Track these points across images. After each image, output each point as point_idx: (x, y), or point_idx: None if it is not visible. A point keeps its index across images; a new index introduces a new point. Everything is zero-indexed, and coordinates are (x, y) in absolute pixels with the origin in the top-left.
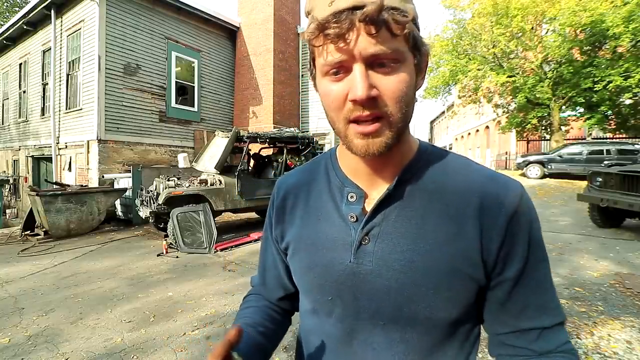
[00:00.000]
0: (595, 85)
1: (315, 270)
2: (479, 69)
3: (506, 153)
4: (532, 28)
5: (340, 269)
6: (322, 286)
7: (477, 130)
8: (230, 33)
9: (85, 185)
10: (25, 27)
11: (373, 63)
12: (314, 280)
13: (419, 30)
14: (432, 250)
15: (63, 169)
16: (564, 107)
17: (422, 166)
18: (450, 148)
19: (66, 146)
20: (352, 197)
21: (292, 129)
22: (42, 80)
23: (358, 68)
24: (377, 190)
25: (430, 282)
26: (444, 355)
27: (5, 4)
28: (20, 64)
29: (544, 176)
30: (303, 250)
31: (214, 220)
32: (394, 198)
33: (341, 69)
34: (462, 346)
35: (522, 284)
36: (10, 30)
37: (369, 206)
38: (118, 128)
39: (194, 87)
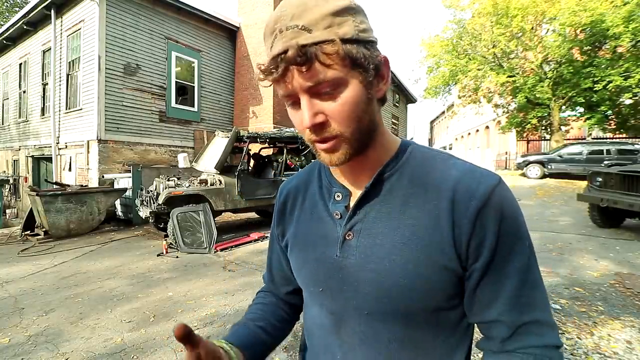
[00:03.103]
0: (595, 85)
1: (308, 264)
2: (479, 69)
3: (506, 153)
4: (532, 28)
5: (328, 262)
6: (315, 279)
7: (477, 130)
8: (230, 33)
9: (85, 185)
10: (25, 27)
11: (316, 92)
12: (308, 274)
13: (368, 43)
14: (409, 243)
15: (63, 169)
16: (564, 107)
17: (401, 164)
18: (450, 148)
19: (66, 146)
20: (338, 196)
21: (292, 129)
22: (42, 80)
23: (303, 100)
24: (359, 189)
25: (407, 273)
26: (428, 345)
27: (5, 4)
28: (20, 64)
29: (544, 176)
30: (298, 247)
31: (214, 220)
32: (374, 195)
33: (294, 101)
34: (448, 338)
35: (491, 275)
36: (10, 30)
37: (353, 204)
38: (118, 128)
39: (194, 87)
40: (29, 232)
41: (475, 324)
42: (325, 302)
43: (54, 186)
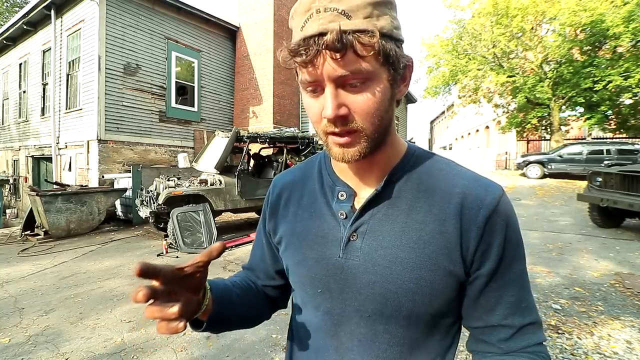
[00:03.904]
0: (595, 85)
1: (306, 264)
2: (479, 69)
3: (506, 153)
4: (532, 28)
5: (329, 263)
6: (313, 279)
7: (477, 130)
8: (230, 33)
9: (85, 185)
10: (25, 27)
11: (343, 83)
12: (306, 274)
13: (399, 41)
14: (415, 248)
15: (63, 169)
16: (564, 107)
17: (409, 168)
18: (451, 148)
19: (66, 146)
20: (342, 195)
21: (292, 129)
22: (42, 80)
23: (328, 89)
24: (365, 189)
25: (413, 277)
26: (425, 346)
27: (5, 4)
28: (20, 64)
29: (544, 176)
30: (295, 245)
31: (214, 220)
32: (381, 197)
33: (317, 87)
34: (442, 338)
35: (495, 281)
36: (10, 30)
37: (358, 204)
38: (118, 128)
39: (194, 87)
40: (29, 232)
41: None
42: (323, 304)
43: (54, 186)
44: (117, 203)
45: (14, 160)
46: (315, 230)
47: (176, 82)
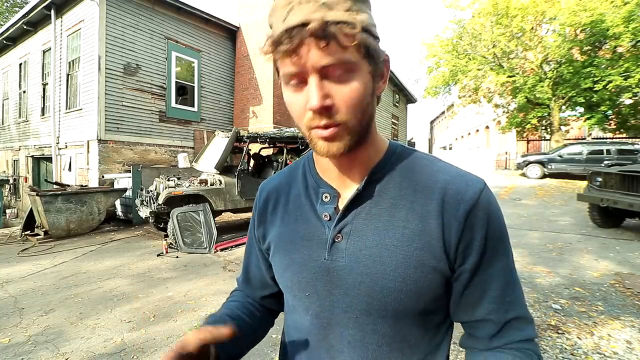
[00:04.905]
0: (595, 85)
1: (293, 267)
2: (479, 69)
3: (506, 153)
4: (532, 28)
5: (315, 265)
6: (300, 283)
7: (477, 130)
8: (230, 33)
9: (85, 185)
10: (25, 27)
11: (327, 74)
12: (293, 278)
13: (376, 38)
14: (399, 246)
15: (63, 169)
16: (564, 107)
17: (391, 166)
18: (451, 148)
19: (66, 146)
20: (326, 197)
21: (292, 129)
22: (42, 80)
23: (312, 79)
24: (348, 189)
25: (398, 275)
26: (415, 345)
27: (5, 4)
28: (20, 64)
29: (544, 176)
30: (282, 249)
31: (214, 220)
32: (364, 197)
33: (299, 80)
34: (432, 337)
35: (478, 276)
36: (10, 30)
37: (342, 205)
38: (118, 128)
39: (194, 87)
40: (29, 232)
41: (459, 323)
42: (311, 307)
43: (54, 186)
44: (117, 203)
45: (14, 160)
46: (301, 234)
47: (176, 82)
